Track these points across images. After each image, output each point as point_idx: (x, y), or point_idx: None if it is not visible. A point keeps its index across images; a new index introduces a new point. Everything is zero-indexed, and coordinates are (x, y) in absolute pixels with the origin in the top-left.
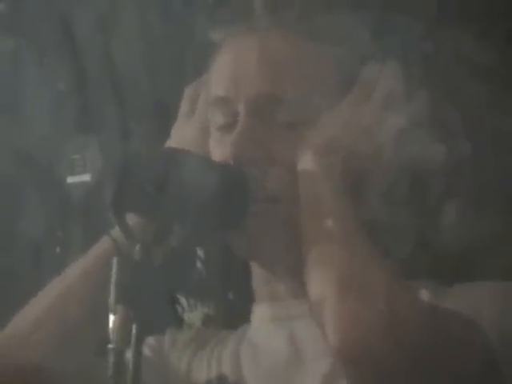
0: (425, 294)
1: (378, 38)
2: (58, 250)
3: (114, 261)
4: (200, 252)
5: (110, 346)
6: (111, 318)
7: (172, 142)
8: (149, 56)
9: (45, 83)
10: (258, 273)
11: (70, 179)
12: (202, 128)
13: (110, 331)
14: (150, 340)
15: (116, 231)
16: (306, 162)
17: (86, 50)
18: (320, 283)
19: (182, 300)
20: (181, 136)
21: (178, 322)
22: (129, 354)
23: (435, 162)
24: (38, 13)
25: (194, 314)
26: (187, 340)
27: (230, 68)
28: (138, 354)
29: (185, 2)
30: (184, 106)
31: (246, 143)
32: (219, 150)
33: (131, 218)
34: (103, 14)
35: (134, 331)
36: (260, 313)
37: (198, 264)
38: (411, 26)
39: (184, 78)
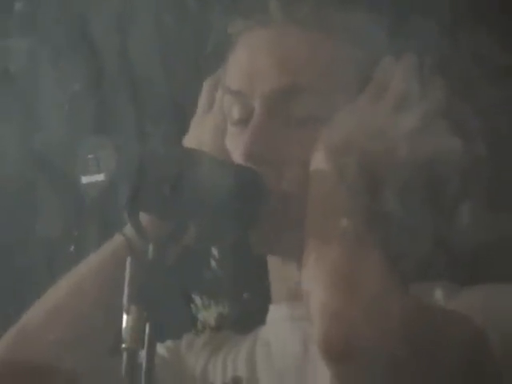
0: (439, 294)
1: (394, 38)
2: (72, 248)
3: (128, 261)
4: (215, 251)
5: (123, 345)
6: (125, 318)
7: (190, 136)
8: (165, 56)
9: (60, 83)
10: (275, 272)
11: (85, 179)
12: (219, 123)
13: (123, 331)
14: (168, 342)
15: (129, 229)
16: (320, 160)
17: (102, 49)
18: (313, 279)
19: (197, 299)
20: (199, 130)
21: (192, 322)
22: (142, 354)
23: (452, 156)
24: (55, 13)
25: (208, 313)
26: (202, 343)
27: (245, 62)
28: (151, 353)
29: (200, 1)
30: (202, 99)
31: (258, 143)
32: (233, 146)
33: (145, 217)
34: (119, 13)
35: (147, 331)
36: (277, 312)
37: (213, 263)
38: (428, 26)
39: (200, 78)
